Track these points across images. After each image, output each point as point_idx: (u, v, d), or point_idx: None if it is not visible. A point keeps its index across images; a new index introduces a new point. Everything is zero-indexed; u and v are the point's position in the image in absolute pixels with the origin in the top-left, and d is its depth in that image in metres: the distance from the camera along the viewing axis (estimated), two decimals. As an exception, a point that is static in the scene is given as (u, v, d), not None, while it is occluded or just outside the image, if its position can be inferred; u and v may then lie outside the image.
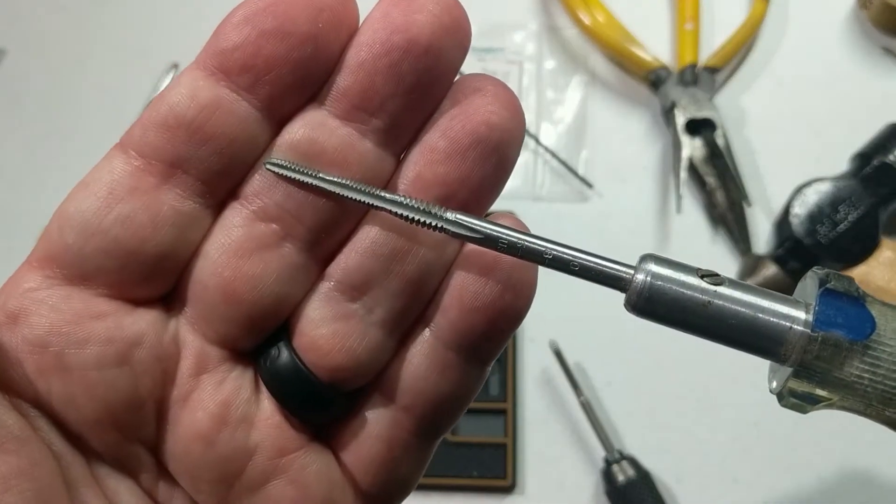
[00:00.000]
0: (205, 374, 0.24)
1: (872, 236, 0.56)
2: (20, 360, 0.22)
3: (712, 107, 0.62)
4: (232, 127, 0.23)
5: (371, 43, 0.22)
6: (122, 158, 0.23)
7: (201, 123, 0.23)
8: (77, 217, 0.23)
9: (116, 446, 0.23)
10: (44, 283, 0.23)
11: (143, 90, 0.69)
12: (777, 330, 0.20)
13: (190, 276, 0.24)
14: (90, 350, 0.22)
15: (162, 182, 0.23)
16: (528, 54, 0.69)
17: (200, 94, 0.23)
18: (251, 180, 0.23)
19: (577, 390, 0.55)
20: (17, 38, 0.74)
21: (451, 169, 0.23)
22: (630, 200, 0.63)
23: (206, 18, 0.75)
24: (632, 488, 0.52)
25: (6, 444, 0.21)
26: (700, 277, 0.21)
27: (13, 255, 0.69)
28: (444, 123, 0.23)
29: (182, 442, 0.24)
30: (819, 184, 0.57)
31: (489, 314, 0.24)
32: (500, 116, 0.23)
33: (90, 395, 0.23)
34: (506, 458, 0.55)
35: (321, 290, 0.24)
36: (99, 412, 0.23)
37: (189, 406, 0.24)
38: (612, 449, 0.54)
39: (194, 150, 0.23)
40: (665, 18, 0.70)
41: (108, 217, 0.23)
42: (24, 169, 0.68)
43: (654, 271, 0.21)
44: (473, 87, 0.23)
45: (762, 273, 0.56)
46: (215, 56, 0.23)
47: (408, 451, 0.25)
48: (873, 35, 0.68)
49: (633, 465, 0.53)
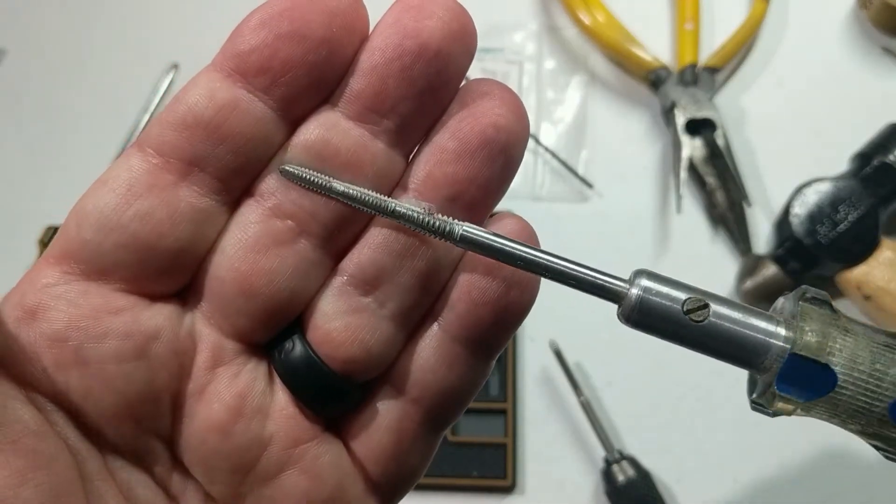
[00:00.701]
0: (220, 366, 0.24)
1: (872, 236, 0.56)
2: (38, 355, 0.23)
3: (712, 107, 0.62)
4: (248, 127, 0.23)
5: (384, 47, 0.23)
6: (140, 157, 0.24)
7: (219, 123, 0.23)
8: (95, 213, 0.23)
9: (132, 439, 0.24)
10: (61, 279, 0.23)
11: (143, 90, 0.69)
12: (758, 344, 0.22)
13: (207, 272, 0.24)
14: (109, 344, 0.23)
15: (180, 179, 0.23)
16: (528, 54, 0.69)
17: (218, 94, 0.23)
18: (267, 178, 0.24)
19: (577, 390, 0.55)
20: (17, 38, 0.74)
21: (461, 169, 0.24)
22: (630, 200, 0.63)
23: (206, 18, 0.75)
24: (632, 488, 0.52)
25: (23, 438, 0.21)
26: (684, 313, 0.22)
27: (13, 255, 0.70)
28: (453, 125, 0.24)
29: (198, 434, 0.24)
30: (819, 184, 0.57)
31: (496, 309, 0.25)
32: (507, 119, 0.24)
33: (108, 389, 0.23)
34: (506, 458, 0.55)
35: (335, 284, 0.25)
36: (117, 405, 0.23)
37: (205, 398, 0.24)
38: (612, 449, 0.54)
39: (212, 149, 0.23)
40: (665, 18, 0.70)
41: (127, 213, 0.23)
42: (24, 169, 0.68)
43: (646, 286, 0.22)
44: (481, 91, 0.24)
45: (762, 273, 0.56)
46: (233, 58, 0.23)
47: (416, 442, 0.26)
48: (873, 35, 0.68)
49: (633, 465, 0.53)
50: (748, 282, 0.56)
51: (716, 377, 0.55)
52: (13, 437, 0.21)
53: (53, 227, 0.61)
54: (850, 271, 0.56)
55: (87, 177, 0.69)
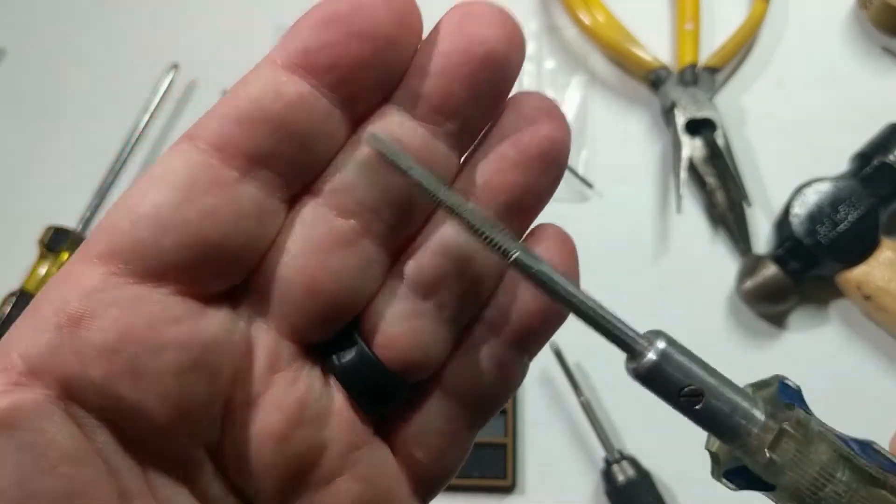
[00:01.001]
0: (278, 372, 0.24)
1: (872, 236, 0.56)
2: (84, 367, 0.21)
3: (712, 107, 0.62)
4: (314, 123, 0.23)
5: (451, 51, 0.24)
6: (196, 152, 0.23)
7: (285, 118, 0.23)
8: (153, 210, 0.22)
9: (179, 452, 0.23)
10: (110, 282, 0.22)
11: (143, 90, 0.69)
12: (734, 434, 0.25)
13: (267, 271, 0.24)
14: (167, 356, 0.22)
15: (242, 176, 0.23)
16: (528, 54, 0.69)
17: (285, 89, 0.23)
18: (330, 177, 0.24)
19: (577, 390, 0.55)
20: (17, 38, 0.74)
21: (519, 177, 0.25)
22: (630, 200, 0.63)
23: (206, 18, 0.75)
24: (632, 488, 0.52)
25: (60, 466, 0.21)
26: (679, 395, 0.25)
27: (13, 254, 0.69)
28: (512, 134, 0.25)
29: (252, 442, 0.23)
30: (819, 184, 0.57)
31: (546, 315, 0.26)
32: (560, 133, 0.25)
33: (162, 402, 0.22)
34: (506, 458, 0.55)
35: (394, 286, 0.25)
36: (169, 418, 0.22)
37: (263, 405, 0.24)
38: (613, 449, 0.54)
39: (276, 145, 0.23)
40: (665, 18, 0.70)
41: (191, 210, 0.22)
42: (24, 169, 0.68)
43: (664, 351, 0.24)
44: (534, 104, 0.25)
45: (762, 273, 0.56)
46: (299, 54, 0.23)
47: (460, 444, 0.26)
48: (873, 35, 0.68)
49: (633, 465, 0.53)
50: (748, 282, 0.56)
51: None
52: (49, 465, 0.20)
53: (53, 227, 0.61)
54: (850, 271, 0.56)
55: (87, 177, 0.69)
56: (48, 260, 0.60)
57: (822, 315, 0.58)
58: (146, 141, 0.68)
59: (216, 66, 0.71)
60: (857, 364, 0.54)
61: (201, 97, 0.70)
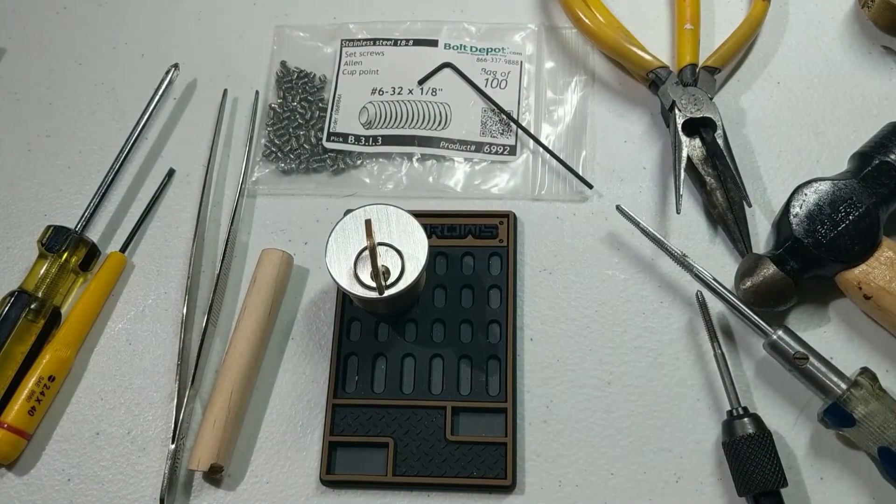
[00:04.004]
0: None
1: (872, 236, 0.56)
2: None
3: (712, 107, 0.62)
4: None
5: None
6: None
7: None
8: None
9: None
10: None
11: (143, 90, 0.69)
12: (826, 389, 0.45)
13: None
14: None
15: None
16: (528, 54, 0.69)
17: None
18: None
19: (715, 343, 0.55)
20: (17, 38, 0.75)
21: None
22: (630, 200, 0.63)
23: (206, 19, 0.75)
24: (751, 443, 0.52)
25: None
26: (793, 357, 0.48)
27: (13, 255, 0.69)
28: None
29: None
30: (819, 184, 0.57)
31: None
32: None
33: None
34: (506, 458, 0.55)
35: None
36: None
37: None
38: (738, 404, 0.53)
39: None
40: (665, 18, 0.71)
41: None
42: (24, 169, 0.68)
43: (783, 332, 0.46)
44: None
45: (762, 273, 0.56)
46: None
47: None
48: (873, 35, 0.68)
49: (755, 422, 0.52)
50: (748, 281, 0.56)
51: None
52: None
53: (53, 227, 0.61)
54: (850, 271, 0.56)
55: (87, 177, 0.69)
56: (47, 260, 0.60)
57: (822, 315, 0.58)
58: (146, 141, 0.68)
59: (216, 66, 0.71)
60: (856, 364, 0.54)
61: (201, 97, 0.70)
